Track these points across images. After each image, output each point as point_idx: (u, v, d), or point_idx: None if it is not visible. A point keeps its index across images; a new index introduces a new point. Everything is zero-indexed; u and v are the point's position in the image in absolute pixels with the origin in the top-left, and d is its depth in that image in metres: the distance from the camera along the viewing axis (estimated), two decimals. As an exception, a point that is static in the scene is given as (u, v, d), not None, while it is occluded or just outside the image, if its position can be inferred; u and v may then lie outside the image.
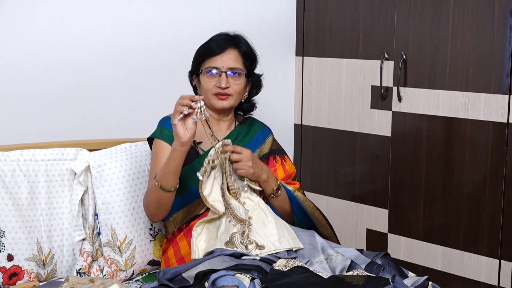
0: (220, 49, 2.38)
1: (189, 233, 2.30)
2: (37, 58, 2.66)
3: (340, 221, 3.39)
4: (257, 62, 2.48)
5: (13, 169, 2.32)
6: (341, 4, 3.27)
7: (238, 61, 2.39)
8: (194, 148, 2.36)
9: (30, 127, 2.67)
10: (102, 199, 2.38)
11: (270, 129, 2.57)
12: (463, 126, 2.90)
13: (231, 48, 2.39)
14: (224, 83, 2.35)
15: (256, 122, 2.55)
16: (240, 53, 2.40)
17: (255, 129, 2.52)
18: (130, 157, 2.47)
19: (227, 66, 2.37)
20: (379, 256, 2.21)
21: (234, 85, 2.38)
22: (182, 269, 2.06)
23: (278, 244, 2.16)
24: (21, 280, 2.26)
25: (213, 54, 2.38)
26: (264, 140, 2.51)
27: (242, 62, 2.40)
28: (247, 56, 2.42)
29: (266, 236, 2.18)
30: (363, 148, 3.28)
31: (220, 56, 2.37)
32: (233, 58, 2.38)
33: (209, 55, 2.38)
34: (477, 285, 2.93)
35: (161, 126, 2.39)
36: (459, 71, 2.88)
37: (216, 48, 2.38)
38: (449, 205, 2.99)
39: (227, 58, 2.37)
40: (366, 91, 3.22)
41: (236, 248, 2.13)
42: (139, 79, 2.94)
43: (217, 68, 2.37)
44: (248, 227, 2.19)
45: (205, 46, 2.42)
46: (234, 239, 2.15)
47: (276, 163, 2.49)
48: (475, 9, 2.80)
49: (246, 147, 2.41)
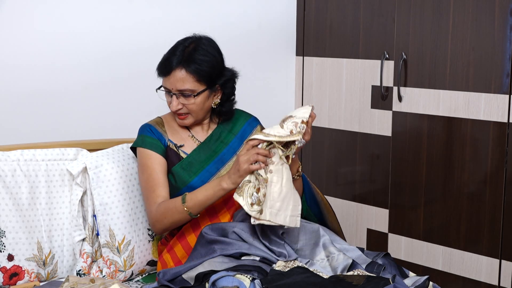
0: (166, 70, 2.27)
1: (182, 237, 2.30)
2: (38, 59, 2.66)
3: (341, 221, 3.39)
4: (219, 69, 2.32)
5: (13, 169, 2.32)
6: (341, 4, 3.27)
7: (187, 81, 2.25)
8: (175, 151, 2.35)
9: (31, 127, 2.67)
10: (100, 200, 2.37)
11: (257, 119, 2.50)
12: (464, 126, 2.90)
13: (177, 69, 2.25)
14: (174, 107, 2.29)
15: (241, 115, 2.48)
16: (188, 71, 2.25)
17: (240, 123, 2.45)
18: (127, 157, 2.47)
19: (176, 88, 2.27)
20: (380, 256, 2.20)
21: (188, 105, 2.30)
22: (182, 270, 2.06)
23: (274, 217, 2.11)
24: (21, 280, 2.26)
25: (162, 74, 2.30)
26: (251, 132, 2.45)
27: (193, 79, 2.26)
28: (200, 72, 2.26)
29: (269, 200, 2.11)
30: (363, 148, 3.28)
31: (167, 78, 2.27)
32: (181, 79, 2.25)
33: (160, 74, 2.31)
34: (477, 285, 2.93)
35: (142, 135, 2.37)
36: (460, 71, 2.88)
37: (164, 69, 2.28)
38: (449, 205, 2.99)
39: (174, 80, 2.26)
40: (366, 91, 3.22)
41: (242, 198, 2.08)
42: (139, 80, 2.94)
43: (168, 89, 2.30)
44: (263, 185, 2.10)
45: (162, 59, 2.32)
46: (244, 187, 2.08)
47: None
48: (475, 9, 2.80)
49: (231, 143, 2.39)
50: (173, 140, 2.37)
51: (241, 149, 2.21)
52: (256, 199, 2.06)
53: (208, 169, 2.34)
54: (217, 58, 2.33)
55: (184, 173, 2.32)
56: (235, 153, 2.38)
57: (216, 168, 2.35)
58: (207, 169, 2.34)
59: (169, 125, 2.40)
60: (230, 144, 2.40)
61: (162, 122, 2.41)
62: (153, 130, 2.37)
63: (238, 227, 2.17)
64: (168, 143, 2.36)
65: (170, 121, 2.42)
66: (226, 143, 2.40)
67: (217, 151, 2.38)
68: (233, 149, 2.40)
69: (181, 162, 2.33)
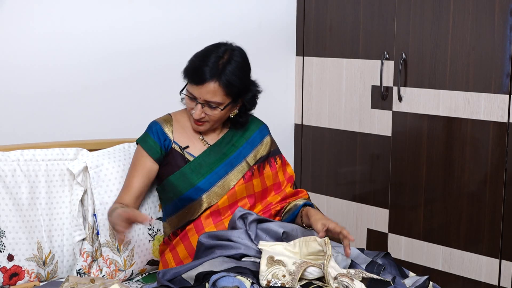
0: (199, 80, 2.24)
1: (185, 237, 2.30)
2: (38, 59, 2.66)
3: (341, 221, 3.39)
4: (247, 84, 2.33)
5: (13, 169, 2.32)
6: (341, 4, 3.27)
7: (218, 94, 2.25)
8: (180, 153, 2.35)
9: (31, 127, 2.67)
10: (100, 199, 2.37)
11: (268, 128, 2.51)
12: (464, 126, 2.90)
13: (211, 81, 2.23)
14: (197, 115, 2.28)
15: (253, 121, 2.48)
16: (221, 85, 2.24)
17: (252, 129, 2.45)
18: (128, 157, 2.47)
19: (204, 99, 2.25)
20: (380, 256, 2.20)
21: (210, 115, 2.30)
22: (182, 270, 2.06)
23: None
24: (21, 280, 2.26)
25: (191, 82, 2.28)
26: (261, 140, 2.45)
27: (223, 93, 2.25)
28: (231, 88, 2.26)
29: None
30: (363, 148, 3.28)
31: (198, 88, 2.25)
32: (211, 91, 2.24)
33: (190, 81, 2.29)
34: (477, 285, 2.93)
35: (147, 133, 2.38)
36: (460, 71, 2.88)
37: (196, 78, 2.25)
38: (449, 205, 2.99)
39: (205, 91, 2.24)
40: (366, 91, 3.22)
41: (265, 265, 1.97)
42: (139, 80, 2.94)
43: (194, 97, 2.28)
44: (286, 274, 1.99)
45: (191, 64, 2.29)
46: (275, 266, 1.96)
47: (276, 165, 2.45)
48: (475, 9, 2.80)
49: (242, 147, 2.39)
50: (178, 141, 2.36)
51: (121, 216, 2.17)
52: (274, 281, 1.96)
53: (217, 171, 2.33)
54: (248, 73, 2.34)
55: (192, 175, 2.31)
56: (244, 158, 2.38)
57: (225, 171, 2.34)
58: (216, 171, 2.33)
59: (178, 124, 2.39)
60: (240, 149, 2.39)
61: (171, 120, 2.39)
62: (158, 131, 2.36)
63: (235, 235, 2.15)
64: (173, 145, 2.35)
65: (180, 120, 2.40)
66: (237, 147, 2.39)
67: (228, 154, 2.37)
68: (243, 154, 2.39)
69: (190, 164, 2.32)
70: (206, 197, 2.30)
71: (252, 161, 2.39)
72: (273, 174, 2.43)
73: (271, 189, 2.42)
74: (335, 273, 1.95)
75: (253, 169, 2.38)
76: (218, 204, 2.31)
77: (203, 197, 2.29)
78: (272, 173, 2.42)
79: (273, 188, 2.42)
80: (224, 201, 2.31)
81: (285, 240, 2.17)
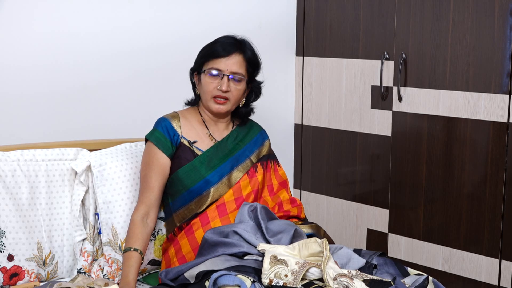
0: (225, 52, 2.37)
1: (190, 231, 2.32)
2: (38, 59, 2.66)
3: (341, 221, 3.40)
4: (259, 69, 2.48)
5: (13, 169, 2.32)
6: (341, 4, 3.27)
7: (242, 66, 2.39)
8: (189, 147, 2.38)
9: (31, 127, 2.67)
10: (103, 198, 2.38)
11: (266, 133, 2.61)
12: (463, 126, 2.90)
13: (237, 53, 2.39)
14: (225, 87, 2.36)
15: (254, 125, 2.58)
16: (245, 58, 2.40)
17: (255, 131, 2.54)
18: (130, 156, 2.48)
19: (230, 70, 2.37)
20: (376, 255, 2.21)
21: (234, 90, 2.39)
22: (184, 269, 2.07)
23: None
24: (21, 280, 2.26)
25: (218, 56, 2.38)
26: (262, 143, 2.54)
27: (245, 67, 2.40)
28: (251, 63, 2.42)
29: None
30: (363, 148, 3.28)
31: (225, 59, 2.37)
32: (238, 63, 2.38)
33: (214, 56, 2.38)
34: (477, 285, 2.93)
35: (156, 129, 2.41)
36: (459, 71, 2.88)
37: (222, 51, 2.38)
38: (449, 205, 2.99)
39: (232, 62, 2.37)
40: (366, 91, 3.22)
41: (268, 264, 2.00)
42: (139, 80, 2.94)
43: (220, 70, 2.37)
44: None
45: (211, 46, 2.42)
46: (278, 265, 1.99)
47: (271, 168, 2.53)
48: (475, 9, 2.80)
49: (246, 146, 2.46)
50: (187, 136, 2.41)
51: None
52: (277, 281, 1.98)
53: (224, 166, 2.39)
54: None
55: (202, 167, 2.36)
56: (248, 157, 2.46)
57: (231, 167, 2.40)
58: (223, 166, 2.39)
59: (185, 120, 2.44)
60: (245, 147, 2.47)
61: (178, 117, 2.44)
62: (168, 126, 2.40)
63: (240, 227, 2.18)
64: (182, 140, 2.39)
65: (187, 117, 2.46)
66: (242, 145, 2.47)
67: (233, 151, 2.44)
68: (247, 152, 2.47)
69: (200, 157, 2.38)
70: (214, 190, 2.35)
71: (255, 159, 2.48)
72: (268, 176, 2.51)
73: (266, 189, 2.50)
74: (334, 273, 1.96)
75: (256, 166, 2.46)
76: (224, 198, 2.36)
77: (212, 190, 2.34)
78: (267, 175, 2.51)
79: (268, 189, 2.50)
80: (230, 195, 2.37)
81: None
